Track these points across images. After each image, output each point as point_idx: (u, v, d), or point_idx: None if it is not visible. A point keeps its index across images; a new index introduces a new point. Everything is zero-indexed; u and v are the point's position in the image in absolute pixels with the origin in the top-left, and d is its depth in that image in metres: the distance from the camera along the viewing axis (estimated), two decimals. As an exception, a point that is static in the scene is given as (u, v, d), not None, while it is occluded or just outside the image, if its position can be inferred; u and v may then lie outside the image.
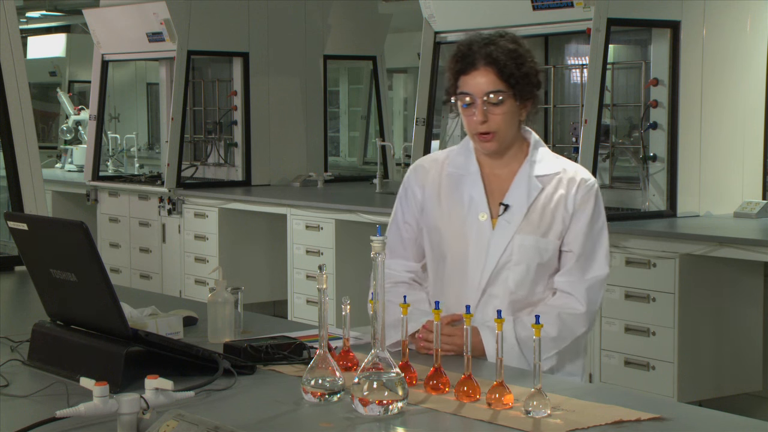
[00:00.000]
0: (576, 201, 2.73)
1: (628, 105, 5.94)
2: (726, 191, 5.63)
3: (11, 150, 4.40)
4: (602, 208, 2.77)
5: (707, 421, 2.20)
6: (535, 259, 2.72)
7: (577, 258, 2.72)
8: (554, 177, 2.75)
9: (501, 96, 2.67)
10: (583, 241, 2.72)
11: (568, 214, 2.72)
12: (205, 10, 7.56)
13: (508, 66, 2.67)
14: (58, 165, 10.08)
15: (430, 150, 6.32)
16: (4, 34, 4.37)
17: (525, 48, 2.72)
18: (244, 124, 7.85)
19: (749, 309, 5.25)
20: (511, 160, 2.77)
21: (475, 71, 2.68)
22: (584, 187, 2.74)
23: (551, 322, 2.68)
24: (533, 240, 2.71)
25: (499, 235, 2.72)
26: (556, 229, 2.72)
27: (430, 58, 6.28)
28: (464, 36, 2.78)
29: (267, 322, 3.19)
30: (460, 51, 2.73)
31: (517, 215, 2.72)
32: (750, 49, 5.64)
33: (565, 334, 2.70)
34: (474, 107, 2.69)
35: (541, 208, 2.73)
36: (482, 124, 2.68)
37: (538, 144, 2.80)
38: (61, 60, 11.30)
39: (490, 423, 2.08)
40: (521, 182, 2.74)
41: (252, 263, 7.45)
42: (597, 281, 2.73)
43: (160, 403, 2.04)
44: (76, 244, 2.35)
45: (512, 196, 2.74)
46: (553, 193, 2.74)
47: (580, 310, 2.71)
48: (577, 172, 2.77)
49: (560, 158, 2.82)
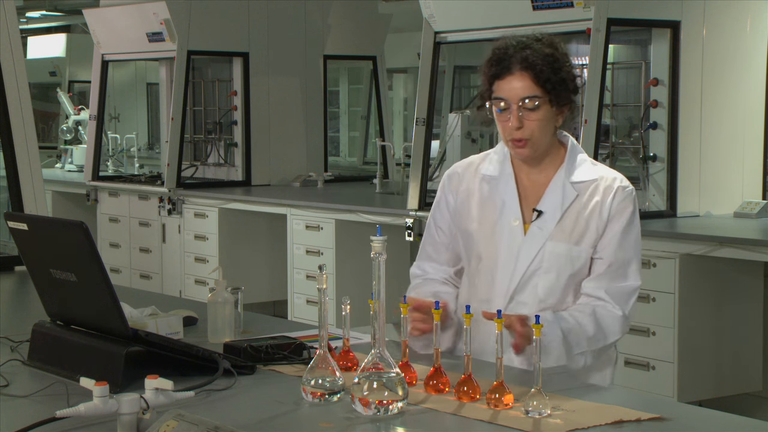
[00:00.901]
0: (612, 208, 2.65)
1: (628, 105, 5.94)
2: (726, 191, 5.63)
3: (11, 150, 4.40)
4: (638, 218, 2.69)
5: (707, 421, 2.20)
6: (567, 267, 2.65)
7: (608, 266, 2.65)
8: (591, 184, 2.68)
9: (537, 102, 2.60)
10: (616, 249, 2.64)
11: (602, 222, 2.65)
12: (205, 10, 7.56)
13: (545, 71, 2.60)
14: (58, 165, 10.08)
15: (430, 150, 6.33)
16: (4, 34, 4.37)
17: (562, 52, 2.65)
18: (244, 124, 7.85)
19: (749, 309, 5.25)
20: (548, 165, 2.71)
21: (510, 76, 2.62)
22: (621, 193, 2.67)
23: (589, 320, 2.61)
24: (565, 248, 2.65)
25: (530, 241, 2.66)
26: (590, 237, 2.65)
27: (430, 58, 6.28)
28: (499, 41, 2.69)
29: (267, 322, 3.19)
30: (495, 55, 2.65)
31: (550, 222, 2.65)
32: (750, 49, 5.64)
33: (599, 335, 2.63)
34: (509, 113, 2.62)
35: (575, 215, 2.66)
36: (517, 130, 2.61)
37: (576, 150, 2.73)
38: (61, 60, 11.30)
39: (490, 423, 2.08)
40: (556, 188, 2.68)
41: (252, 263, 7.45)
42: (627, 290, 2.66)
43: (160, 403, 2.04)
44: (76, 244, 2.35)
45: (546, 202, 2.68)
46: (588, 200, 2.67)
47: (617, 313, 2.65)
48: (615, 179, 2.69)
49: (598, 165, 2.75)
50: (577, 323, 2.61)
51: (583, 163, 2.72)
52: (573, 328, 2.61)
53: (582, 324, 2.62)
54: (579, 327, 2.61)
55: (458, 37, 6.24)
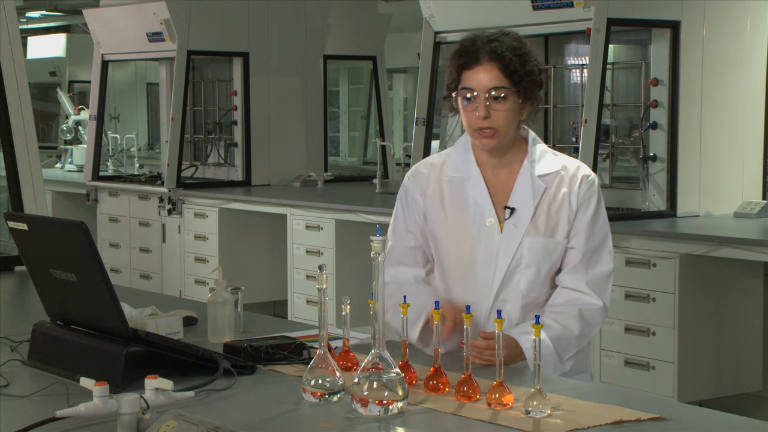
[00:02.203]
0: (579, 198, 2.70)
1: (628, 105, 5.94)
2: (726, 191, 5.63)
3: (11, 150, 4.40)
4: (603, 204, 2.76)
5: (707, 421, 2.20)
6: (545, 260, 2.69)
7: (582, 255, 2.70)
8: (556, 176, 2.72)
9: (504, 92, 2.63)
10: (587, 238, 2.70)
11: (572, 212, 2.70)
12: (205, 10, 7.56)
13: (513, 62, 2.63)
14: (58, 165, 10.08)
15: (430, 150, 6.33)
16: (4, 34, 4.37)
17: (528, 47, 2.70)
18: (244, 124, 7.85)
19: (749, 309, 5.25)
20: (512, 159, 2.74)
21: (478, 66, 2.65)
22: (586, 183, 2.72)
23: (574, 320, 2.66)
24: (542, 242, 2.69)
25: (507, 239, 2.69)
26: (563, 228, 2.70)
27: (430, 58, 6.28)
28: (467, 34, 2.75)
29: (267, 322, 3.19)
30: (464, 46, 2.70)
31: (524, 218, 2.69)
32: (750, 49, 5.64)
33: (585, 331, 2.68)
34: (476, 103, 2.64)
35: (546, 208, 2.70)
36: (484, 120, 2.64)
37: (536, 141, 2.76)
38: (61, 60, 11.30)
39: (490, 423, 2.08)
40: (525, 183, 2.71)
41: (252, 263, 7.45)
42: (603, 276, 2.71)
43: (160, 403, 2.04)
44: (76, 244, 2.35)
45: (517, 198, 2.70)
46: (556, 192, 2.71)
47: (598, 304, 2.70)
48: (578, 168, 2.74)
49: (559, 155, 2.79)
50: (563, 327, 2.66)
51: (545, 154, 2.75)
52: (561, 334, 2.65)
53: (568, 327, 2.66)
54: (565, 330, 2.66)
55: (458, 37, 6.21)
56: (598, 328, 2.74)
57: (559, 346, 2.65)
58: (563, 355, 2.66)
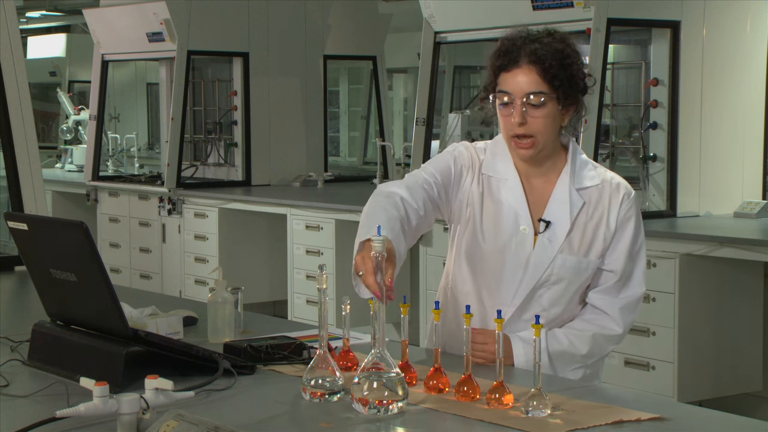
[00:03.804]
0: (619, 218, 2.59)
1: (628, 105, 5.94)
2: (726, 191, 5.63)
3: (11, 150, 4.40)
4: (642, 223, 2.64)
5: (707, 421, 2.20)
6: (575, 279, 2.59)
7: (618, 279, 2.61)
8: (595, 190, 2.60)
9: (543, 98, 2.50)
10: (626, 262, 2.60)
11: (610, 232, 2.59)
12: (205, 10, 7.56)
13: (553, 67, 2.50)
14: (58, 165, 10.08)
15: (430, 150, 6.32)
16: (4, 34, 4.37)
17: (573, 49, 2.54)
18: (244, 124, 7.85)
19: (749, 309, 5.25)
20: (549, 169, 2.61)
21: (516, 69, 2.51)
22: (627, 202, 2.60)
23: (585, 341, 2.60)
24: (575, 261, 2.57)
25: (539, 254, 2.57)
26: (597, 247, 2.59)
27: (430, 58, 6.28)
28: (508, 31, 2.58)
29: (267, 322, 3.19)
30: (504, 46, 2.54)
31: (560, 234, 2.57)
32: (750, 49, 5.64)
33: (594, 352, 2.62)
34: (512, 107, 2.52)
35: (583, 225, 2.58)
36: (520, 126, 2.51)
37: (577, 151, 2.63)
38: (61, 60, 11.30)
39: (490, 423, 2.08)
40: (562, 196, 2.58)
41: (252, 263, 7.45)
42: (634, 300, 2.63)
43: (160, 403, 2.04)
44: (76, 244, 2.35)
45: (553, 211, 2.58)
46: (594, 209, 2.59)
47: (617, 331, 2.62)
48: (619, 184, 2.62)
49: (599, 167, 2.66)
50: (570, 344, 2.60)
51: (585, 166, 2.63)
52: (565, 350, 2.59)
53: (575, 344, 2.60)
54: (571, 347, 2.60)
55: (458, 37, 6.24)
56: (610, 350, 2.67)
57: (557, 361, 2.59)
58: (559, 370, 2.60)
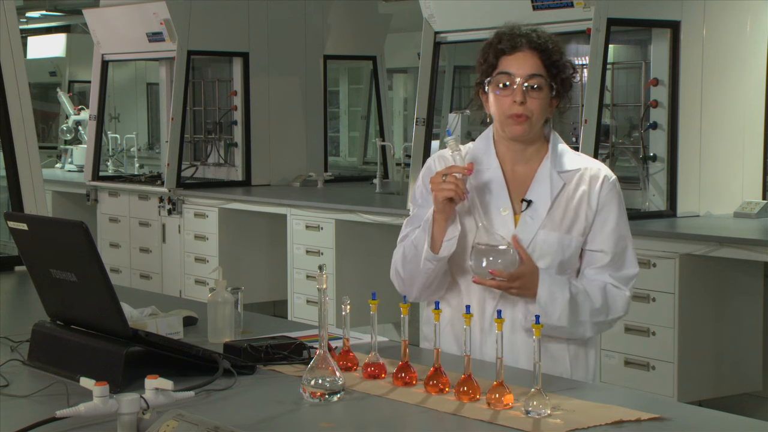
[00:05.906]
0: (600, 199, 2.70)
1: (628, 105, 5.94)
2: (726, 191, 5.63)
3: (11, 150, 4.40)
4: (624, 205, 2.75)
5: (707, 421, 2.20)
6: (558, 255, 2.67)
7: (611, 258, 2.69)
8: (575, 173, 2.71)
9: (541, 82, 2.64)
10: (616, 241, 2.69)
11: (591, 211, 2.69)
12: (205, 10, 7.56)
13: (554, 54, 2.66)
14: (58, 165, 10.08)
15: (430, 150, 6.32)
16: (4, 34, 4.37)
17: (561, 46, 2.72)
18: (244, 124, 7.85)
19: (749, 309, 5.25)
20: (533, 156, 2.73)
21: (519, 52, 2.65)
22: (608, 184, 2.71)
23: (596, 292, 2.65)
24: (557, 237, 2.67)
25: (522, 231, 2.66)
26: (579, 225, 2.69)
27: (430, 58, 6.28)
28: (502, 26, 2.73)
29: (267, 322, 3.19)
30: (504, 32, 2.70)
31: (541, 211, 2.67)
32: (750, 49, 5.64)
33: (603, 308, 2.67)
34: (511, 90, 2.63)
35: (564, 204, 2.69)
36: (520, 105, 2.63)
37: (558, 141, 2.76)
38: (61, 60, 11.29)
39: (490, 423, 2.08)
40: (543, 178, 2.70)
41: (252, 263, 7.45)
42: (629, 276, 2.72)
43: (160, 403, 2.04)
44: (76, 244, 2.35)
45: (535, 191, 2.69)
46: (575, 189, 2.70)
47: (625, 293, 2.70)
48: (599, 169, 2.74)
49: (580, 155, 2.80)
50: (586, 292, 2.66)
51: (566, 153, 2.75)
52: (581, 293, 2.64)
53: (590, 294, 2.66)
54: (586, 295, 2.65)
55: (458, 37, 6.24)
56: (618, 315, 2.70)
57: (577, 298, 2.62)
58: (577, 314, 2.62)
